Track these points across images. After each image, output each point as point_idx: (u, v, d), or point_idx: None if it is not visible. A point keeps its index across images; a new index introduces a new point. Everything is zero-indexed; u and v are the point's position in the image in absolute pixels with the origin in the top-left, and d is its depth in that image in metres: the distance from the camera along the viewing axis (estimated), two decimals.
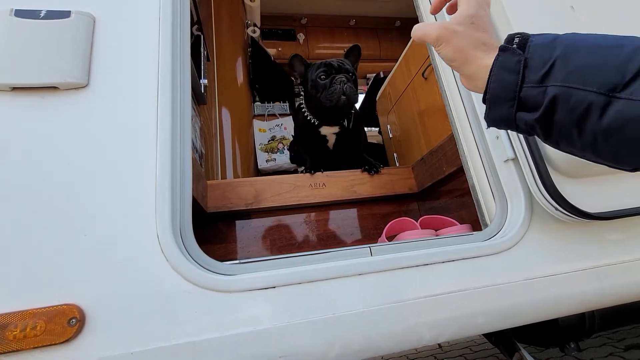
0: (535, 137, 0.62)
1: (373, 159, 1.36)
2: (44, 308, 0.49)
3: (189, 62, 0.74)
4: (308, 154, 1.38)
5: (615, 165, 0.39)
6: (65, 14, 0.66)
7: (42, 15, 0.65)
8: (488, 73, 0.43)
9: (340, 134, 1.36)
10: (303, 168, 1.26)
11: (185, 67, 0.72)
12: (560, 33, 0.42)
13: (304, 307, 0.57)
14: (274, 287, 0.57)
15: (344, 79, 1.17)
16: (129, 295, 0.53)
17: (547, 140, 0.42)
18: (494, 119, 0.45)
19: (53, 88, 0.62)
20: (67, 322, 0.49)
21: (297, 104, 1.35)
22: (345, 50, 1.35)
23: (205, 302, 0.55)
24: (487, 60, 0.44)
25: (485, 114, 0.46)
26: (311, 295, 0.58)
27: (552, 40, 0.40)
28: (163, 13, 0.71)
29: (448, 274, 0.65)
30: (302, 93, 1.38)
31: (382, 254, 0.66)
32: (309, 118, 1.33)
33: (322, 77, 1.20)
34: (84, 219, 0.55)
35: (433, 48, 0.50)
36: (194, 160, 1.02)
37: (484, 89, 0.45)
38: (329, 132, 1.36)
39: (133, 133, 0.62)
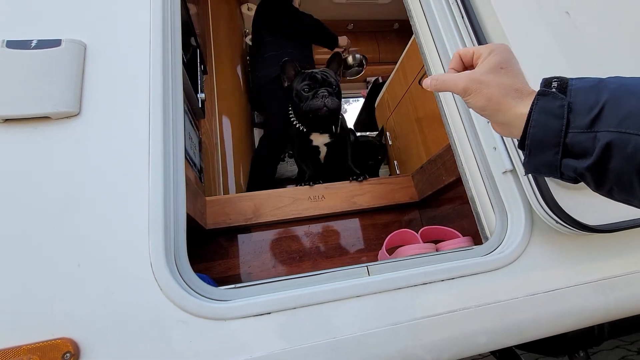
0: None
1: (367, 157, 1.40)
2: (38, 343, 0.49)
3: (181, 82, 0.74)
4: (304, 163, 1.39)
5: None
6: (55, 43, 0.66)
7: (33, 45, 0.65)
8: (524, 121, 0.41)
9: (330, 145, 1.40)
10: (301, 182, 1.27)
11: (177, 88, 0.72)
12: (605, 77, 0.40)
13: (300, 332, 0.56)
14: (269, 313, 0.57)
15: (325, 93, 1.23)
16: (123, 327, 0.53)
17: (598, 189, 0.39)
18: (535, 166, 0.42)
19: (45, 118, 0.62)
20: (62, 357, 0.49)
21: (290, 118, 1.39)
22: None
23: (201, 331, 0.54)
24: (522, 108, 0.42)
25: (524, 160, 0.43)
26: (307, 320, 0.57)
27: (596, 84, 0.39)
28: (154, 37, 0.71)
29: (448, 292, 0.64)
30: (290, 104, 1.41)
31: (380, 273, 0.65)
32: (298, 126, 1.37)
33: (305, 89, 1.26)
34: (78, 250, 0.55)
35: (428, 70, 0.50)
36: (190, 178, 1.02)
37: (520, 135, 0.43)
38: (321, 142, 1.39)
39: (125, 160, 0.62)
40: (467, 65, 0.51)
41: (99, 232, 0.57)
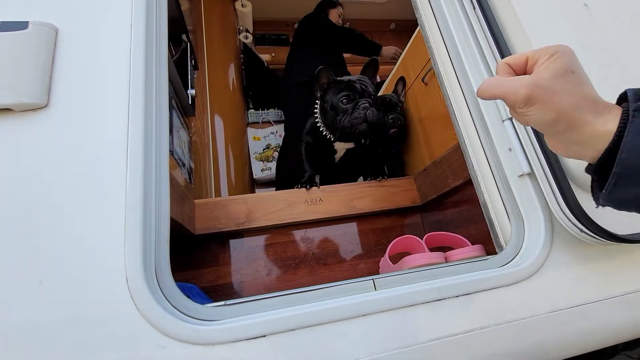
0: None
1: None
2: None
3: (166, 73, 0.66)
4: (309, 162, 1.29)
5: None
6: (22, 25, 0.58)
7: None
8: (606, 142, 0.33)
9: (351, 150, 1.30)
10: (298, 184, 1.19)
11: (161, 80, 0.64)
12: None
13: (299, 359, 0.49)
14: (264, 336, 0.49)
15: (367, 104, 1.11)
16: (92, 355, 0.45)
17: None
18: (621, 199, 0.34)
19: (7, 110, 0.54)
20: None
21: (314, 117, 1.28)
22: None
23: (183, 358, 0.47)
24: (601, 125, 0.34)
25: (606, 190, 0.34)
26: (307, 343, 0.50)
27: None
28: (136, 22, 0.63)
29: (464, 309, 0.57)
30: (316, 106, 1.29)
31: (387, 287, 0.58)
32: (324, 133, 1.25)
33: (344, 101, 1.13)
34: (40, 263, 0.47)
35: (435, 66, 0.43)
36: (178, 179, 0.94)
37: (594, 157, 0.35)
38: (342, 147, 1.30)
39: (99, 158, 0.54)
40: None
41: (66, 242, 0.49)
